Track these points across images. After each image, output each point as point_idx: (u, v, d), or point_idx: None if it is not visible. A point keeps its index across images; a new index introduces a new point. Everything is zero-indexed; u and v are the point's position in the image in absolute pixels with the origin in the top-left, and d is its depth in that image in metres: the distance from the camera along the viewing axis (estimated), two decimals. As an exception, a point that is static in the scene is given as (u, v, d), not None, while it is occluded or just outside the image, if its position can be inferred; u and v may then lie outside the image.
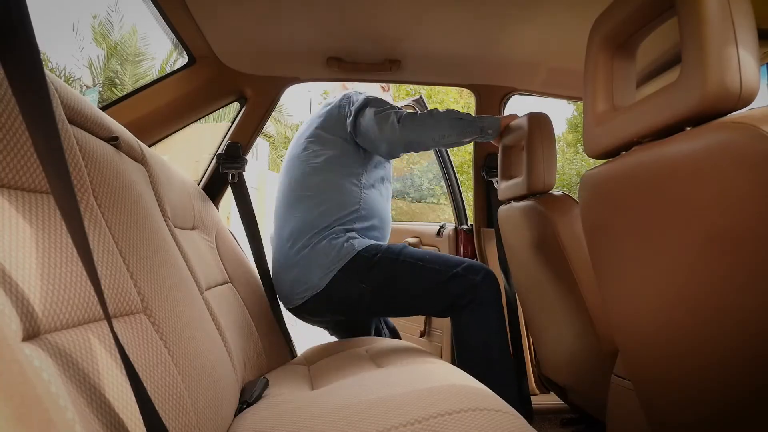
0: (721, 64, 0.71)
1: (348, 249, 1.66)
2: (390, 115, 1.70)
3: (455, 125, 1.68)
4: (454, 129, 1.68)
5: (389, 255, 1.66)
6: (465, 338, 1.61)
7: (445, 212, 12.53)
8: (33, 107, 0.49)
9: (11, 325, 0.49)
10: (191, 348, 0.94)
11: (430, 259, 1.66)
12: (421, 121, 1.68)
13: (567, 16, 1.57)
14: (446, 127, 1.67)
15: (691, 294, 0.84)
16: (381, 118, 1.71)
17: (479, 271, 1.64)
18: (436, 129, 1.68)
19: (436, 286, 1.62)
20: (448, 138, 1.69)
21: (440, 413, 0.81)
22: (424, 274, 1.63)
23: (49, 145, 0.50)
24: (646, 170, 0.86)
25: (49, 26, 32.28)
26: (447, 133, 1.68)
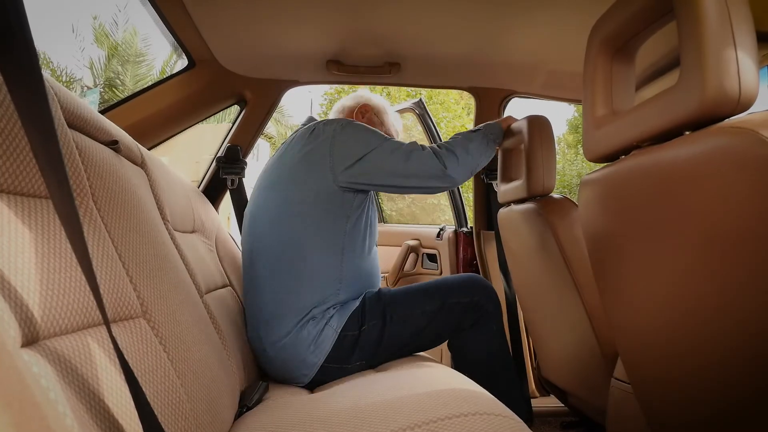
0: (720, 69, 0.71)
1: (326, 337, 1.42)
2: (427, 150, 1.51)
3: (481, 148, 1.59)
4: (483, 153, 1.59)
5: (375, 321, 1.46)
6: (466, 355, 1.52)
7: (446, 213, 12.52)
8: (31, 111, 0.49)
9: (10, 332, 0.49)
10: (190, 352, 0.94)
11: (421, 300, 1.49)
12: (462, 150, 1.54)
13: (566, 19, 1.57)
14: (478, 154, 1.57)
15: (690, 296, 0.84)
16: (423, 157, 1.48)
17: (475, 287, 1.52)
18: (475, 157, 1.56)
19: (435, 326, 1.49)
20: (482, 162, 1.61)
21: (440, 417, 0.81)
22: (421, 322, 1.47)
23: (48, 149, 0.50)
24: (645, 174, 0.86)
25: (50, 27, 32.33)
26: (481, 161, 1.60)
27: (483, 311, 1.48)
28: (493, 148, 1.62)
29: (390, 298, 1.49)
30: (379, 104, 1.87)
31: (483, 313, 1.48)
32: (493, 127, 1.65)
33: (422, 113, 2.57)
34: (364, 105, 1.83)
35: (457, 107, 13.39)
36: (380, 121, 1.83)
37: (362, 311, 1.46)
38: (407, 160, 1.45)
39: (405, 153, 1.46)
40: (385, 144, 1.47)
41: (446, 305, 1.47)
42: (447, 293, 1.49)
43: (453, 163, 1.48)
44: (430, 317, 1.46)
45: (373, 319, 1.44)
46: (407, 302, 1.48)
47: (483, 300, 1.49)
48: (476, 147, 1.54)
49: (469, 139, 1.56)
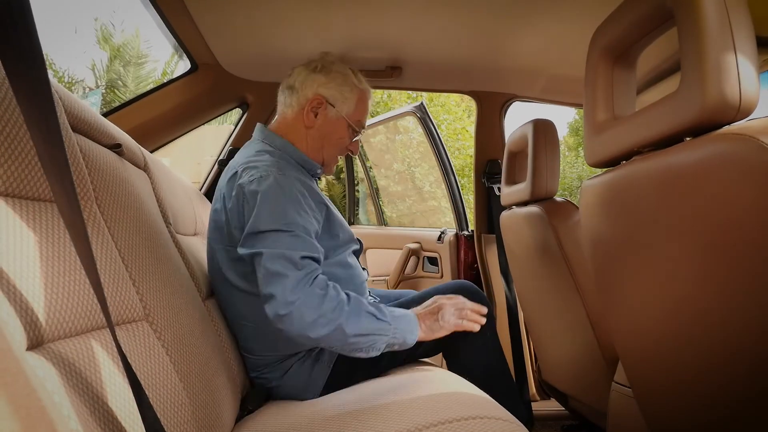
0: (721, 75, 0.71)
1: (317, 375, 1.31)
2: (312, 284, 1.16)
3: (367, 340, 1.17)
4: (361, 345, 1.17)
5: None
6: (463, 364, 1.42)
7: (446, 215, 12.52)
8: (37, 116, 0.49)
9: (16, 336, 0.50)
10: (192, 355, 0.94)
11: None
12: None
13: (568, 24, 1.58)
14: (354, 339, 1.16)
15: (691, 301, 0.84)
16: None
17: (467, 296, 1.37)
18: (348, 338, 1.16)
19: (432, 341, 1.33)
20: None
21: (441, 421, 0.81)
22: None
23: (53, 153, 0.50)
24: (646, 180, 0.87)
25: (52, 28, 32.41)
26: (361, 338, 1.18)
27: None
28: (379, 351, 1.19)
29: None
30: (341, 89, 1.41)
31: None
32: (408, 332, 1.21)
33: (423, 116, 2.57)
34: (316, 97, 1.39)
35: (458, 109, 13.39)
36: (339, 115, 1.41)
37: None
38: (272, 272, 1.14)
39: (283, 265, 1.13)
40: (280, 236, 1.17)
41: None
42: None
43: (312, 311, 1.12)
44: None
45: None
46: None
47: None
48: (364, 334, 1.15)
49: (372, 321, 1.17)
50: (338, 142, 1.43)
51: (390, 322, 1.18)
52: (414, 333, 1.21)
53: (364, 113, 1.46)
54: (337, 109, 1.40)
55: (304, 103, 1.39)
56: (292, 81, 1.43)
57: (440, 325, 1.24)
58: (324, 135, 1.41)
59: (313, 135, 1.41)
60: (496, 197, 2.26)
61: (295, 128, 1.41)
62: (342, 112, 1.41)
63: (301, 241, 1.17)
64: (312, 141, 1.41)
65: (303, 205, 1.22)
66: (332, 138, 1.42)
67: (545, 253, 1.54)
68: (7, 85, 0.59)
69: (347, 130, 1.43)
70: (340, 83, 1.40)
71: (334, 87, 1.39)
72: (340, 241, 1.36)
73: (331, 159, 1.46)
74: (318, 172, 1.44)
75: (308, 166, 1.41)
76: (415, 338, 1.21)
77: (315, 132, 1.40)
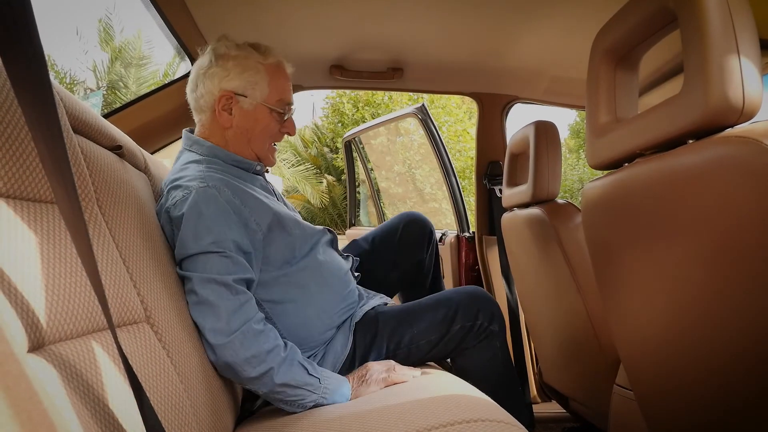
0: (724, 78, 0.71)
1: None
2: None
3: (292, 393, 1.10)
4: (286, 396, 1.10)
5: (376, 359, 1.31)
6: (470, 373, 1.37)
7: (447, 217, 12.51)
8: (38, 117, 0.49)
9: (17, 338, 0.50)
10: (193, 357, 0.94)
11: (425, 330, 1.34)
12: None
13: (569, 27, 1.58)
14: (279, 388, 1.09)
15: (693, 304, 0.84)
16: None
17: (481, 307, 1.35)
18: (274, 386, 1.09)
19: (438, 351, 1.36)
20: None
21: (442, 424, 0.81)
22: (425, 349, 1.35)
23: (54, 155, 0.50)
24: (648, 182, 0.86)
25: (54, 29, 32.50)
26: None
27: (488, 332, 1.36)
28: (304, 408, 1.11)
29: (390, 330, 1.33)
30: (244, 75, 1.27)
31: (488, 333, 1.36)
32: (338, 394, 1.14)
33: (425, 118, 2.57)
34: (223, 93, 1.26)
35: (459, 111, 13.40)
36: (255, 103, 1.29)
37: (360, 353, 1.32)
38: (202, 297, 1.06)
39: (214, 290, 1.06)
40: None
41: (450, 332, 1.33)
42: (451, 320, 1.33)
43: (240, 351, 1.05)
44: (435, 345, 1.34)
45: (374, 358, 1.31)
46: (410, 333, 1.33)
47: (488, 320, 1.35)
48: (293, 386, 1.09)
49: (303, 374, 1.11)
50: (265, 131, 1.31)
51: (321, 380, 1.12)
52: (344, 395, 1.14)
53: (283, 89, 1.31)
54: (250, 98, 1.27)
55: (213, 104, 1.27)
56: (192, 84, 1.30)
57: (368, 383, 1.17)
58: (246, 130, 1.29)
59: (235, 133, 1.29)
60: (498, 199, 2.26)
61: (215, 131, 1.30)
62: (257, 99, 1.27)
63: (232, 263, 1.10)
64: (236, 140, 1.30)
65: (232, 216, 1.13)
66: (256, 130, 1.29)
67: (546, 254, 1.54)
68: (9, 86, 0.59)
69: (271, 115, 1.30)
70: (241, 70, 1.26)
71: (236, 75, 1.26)
72: (299, 238, 1.28)
73: (265, 150, 1.34)
74: (258, 168, 1.34)
75: (244, 166, 1.31)
76: (344, 399, 1.14)
77: (235, 130, 1.29)
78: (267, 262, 1.23)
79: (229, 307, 1.06)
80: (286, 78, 1.34)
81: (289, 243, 1.26)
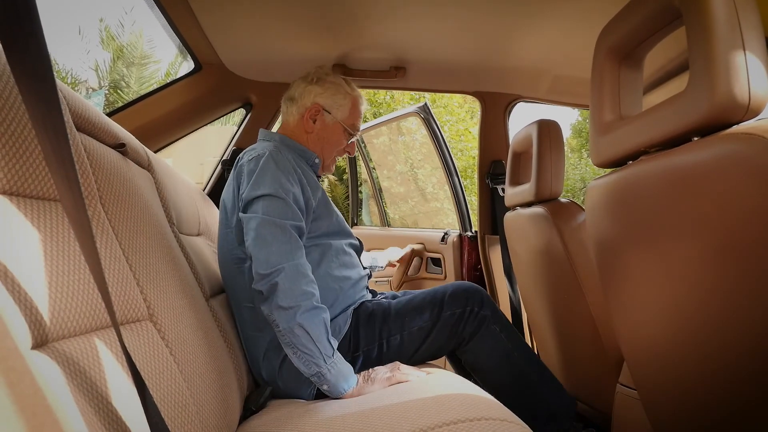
0: (730, 75, 0.71)
1: None
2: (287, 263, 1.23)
3: (308, 353, 1.20)
4: (303, 354, 1.20)
5: (370, 346, 1.40)
6: (481, 365, 1.44)
7: (449, 216, 12.51)
8: (42, 115, 0.49)
9: (21, 335, 0.50)
10: (196, 355, 0.94)
11: (416, 317, 1.42)
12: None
13: (573, 25, 1.57)
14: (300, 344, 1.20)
15: (697, 302, 0.84)
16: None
17: (467, 294, 1.44)
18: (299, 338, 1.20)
19: (433, 340, 1.42)
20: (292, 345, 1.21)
21: (446, 422, 0.81)
22: (418, 338, 1.42)
23: (58, 152, 0.50)
24: (653, 180, 0.86)
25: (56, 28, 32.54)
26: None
27: (480, 317, 1.43)
28: (307, 371, 1.21)
29: (382, 319, 1.42)
30: (335, 97, 1.54)
31: (481, 319, 1.42)
32: (343, 379, 1.22)
33: (427, 117, 2.57)
34: (315, 105, 1.53)
35: (461, 110, 13.38)
36: (335, 120, 1.54)
37: (354, 337, 1.40)
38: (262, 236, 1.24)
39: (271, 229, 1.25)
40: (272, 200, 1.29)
41: (441, 318, 1.41)
42: (440, 306, 1.43)
43: (281, 296, 1.19)
44: (427, 332, 1.41)
45: (367, 345, 1.40)
46: (401, 321, 1.42)
47: (477, 306, 1.43)
48: (309, 335, 1.19)
49: (322, 335, 1.21)
50: (335, 144, 1.57)
51: (334, 354, 1.23)
52: (349, 382, 1.22)
53: (357, 117, 1.60)
54: (333, 115, 1.54)
55: (303, 112, 1.54)
56: (291, 93, 1.58)
57: (372, 381, 1.23)
58: (322, 138, 1.55)
59: (312, 139, 1.55)
60: (500, 198, 2.26)
61: (295, 133, 1.56)
62: (337, 118, 1.55)
63: (291, 211, 1.29)
64: (312, 144, 1.55)
65: (296, 177, 1.35)
66: (330, 141, 1.56)
67: (549, 254, 1.53)
68: (13, 84, 0.59)
69: (343, 134, 1.57)
70: (333, 92, 1.54)
71: (328, 96, 1.54)
72: (335, 226, 1.48)
73: (330, 159, 1.60)
74: (316, 162, 1.55)
75: (306, 156, 1.53)
76: (347, 388, 1.21)
77: (314, 136, 1.55)
78: (311, 229, 1.41)
79: (281, 246, 1.23)
80: (360, 110, 1.62)
81: (331, 223, 1.47)
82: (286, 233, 1.25)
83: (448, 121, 13.28)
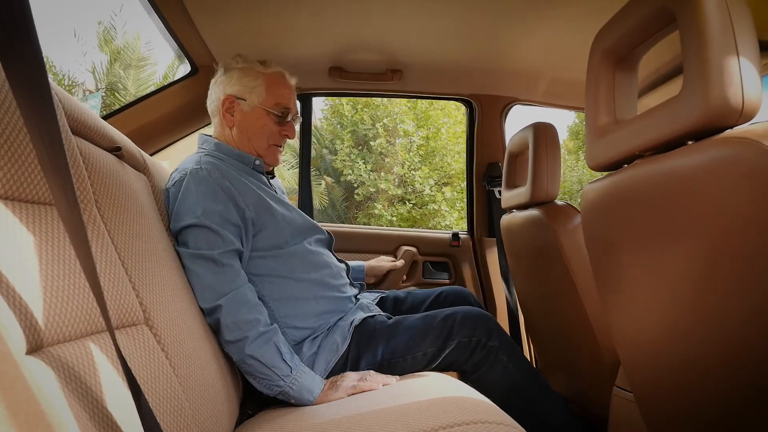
0: (724, 79, 0.71)
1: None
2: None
3: (265, 370, 1.18)
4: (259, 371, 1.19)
5: (369, 367, 1.34)
6: (489, 396, 1.27)
7: (446, 219, 12.52)
8: (37, 118, 0.49)
9: (16, 340, 0.49)
10: (192, 359, 0.94)
11: (420, 342, 1.35)
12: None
13: (569, 28, 1.58)
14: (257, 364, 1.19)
15: (693, 305, 0.84)
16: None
17: (476, 323, 1.37)
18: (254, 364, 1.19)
19: (438, 365, 1.36)
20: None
21: (442, 426, 0.81)
22: (422, 363, 1.36)
23: (53, 156, 0.50)
24: (647, 184, 0.86)
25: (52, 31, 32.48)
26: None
27: (487, 348, 1.35)
28: (272, 392, 1.20)
29: (386, 341, 1.36)
30: (242, 81, 1.44)
31: (488, 350, 1.35)
32: (307, 391, 1.20)
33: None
34: (226, 97, 1.45)
35: (458, 113, 13.41)
36: (253, 105, 1.44)
37: (354, 356, 1.34)
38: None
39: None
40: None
41: (447, 346, 1.35)
42: (448, 333, 1.35)
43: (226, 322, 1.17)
44: (431, 358, 1.35)
45: (368, 365, 1.34)
46: (406, 345, 1.35)
47: (485, 336, 1.36)
48: (261, 362, 1.18)
49: (274, 356, 1.19)
50: (263, 131, 1.46)
51: (293, 369, 1.20)
52: (313, 393, 1.20)
53: (281, 96, 1.47)
54: (248, 102, 1.44)
55: (220, 107, 1.45)
56: (208, 94, 1.51)
57: (336, 388, 1.21)
58: (245, 128, 1.45)
59: (237, 133, 1.46)
60: (497, 200, 2.26)
61: (222, 132, 1.48)
62: (254, 102, 1.44)
63: (219, 238, 1.22)
64: (238, 138, 1.46)
65: (220, 193, 1.26)
66: (254, 128, 1.45)
67: (546, 256, 1.54)
68: (8, 88, 0.59)
69: (268, 117, 1.45)
70: (240, 77, 1.44)
71: (236, 82, 1.44)
72: (287, 228, 1.39)
73: (264, 149, 1.48)
74: (257, 163, 1.46)
75: (243, 160, 1.44)
76: (312, 399, 1.19)
77: (237, 129, 1.46)
78: (257, 244, 1.34)
79: (214, 278, 1.18)
80: (287, 87, 1.49)
81: (277, 231, 1.37)
82: (218, 264, 1.19)
83: (446, 123, 13.31)
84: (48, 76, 0.50)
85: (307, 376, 1.22)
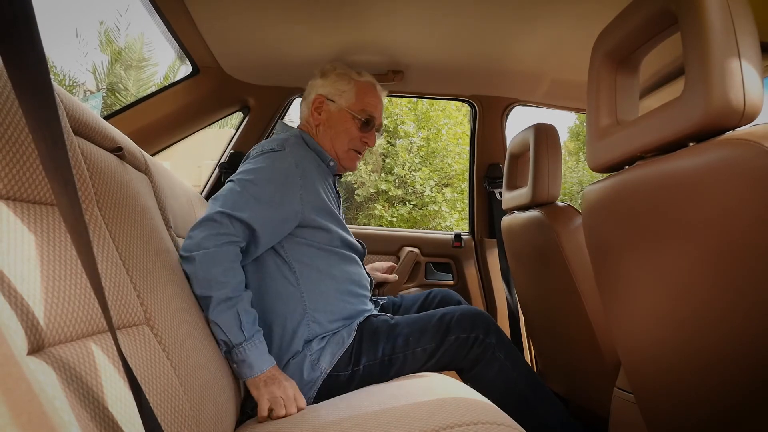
0: (725, 81, 0.71)
1: (311, 380, 1.32)
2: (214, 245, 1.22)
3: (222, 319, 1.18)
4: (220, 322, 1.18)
5: (371, 361, 1.36)
6: (486, 393, 1.28)
7: (446, 220, 12.51)
8: (39, 119, 0.49)
9: (17, 341, 0.49)
10: (193, 359, 0.94)
11: (420, 338, 1.37)
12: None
13: (570, 29, 1.58)
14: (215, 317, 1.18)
15: (693, 306, 0.84)
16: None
17: (474, 321, 1.39)
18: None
19: (437, 362, 1.38)
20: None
21: (442, 426, 0.81)
22: (421, 359, 1.37)
23: (55, 156, 0.50)
24: (649, 185, 0.86)
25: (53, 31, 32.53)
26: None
27: (485, 345, 1.38)
28: (231, 359, 1.19)
29: (386, 337, 1.38)
30: (336, 85, 1.56)
31: (485, 346, 1.37)
32: (248, 367, 1.19)
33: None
34: (317, 96, 1.56)
35: (459, 114, 13.40)
36: (340, 108, 1.54)
37: (357, 352, 1.37)
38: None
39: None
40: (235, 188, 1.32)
41: (445, 342, 1.37)
42: (446, 330, 1.38)
43: (198, 267, 1.18)
44: (430, 354, 1.37)
45: (368, 360, 1.36)
46: (405, 342, 1.37)
47: (483, 333, 1.38)
48: (218, 325, 1.17)
49: (232, 322, 1.18)
50: (345, 133, 1.54)
51: (247, 340, 1.18)
52: (253, 370, 1.18)
53: (368, 104, 1.56)
54: (337, 103, 1.54)
55: (310, 106, 1.56)
56: (305, 93, 1.63)
57: (269, 385, 1.18)
58: (330, 127, 1.54)
59: (321, 130, 1.55)
60: (498, 201, 2.26)
61: (308, 127, 1.58)
62: (342, 105, 1.54)
63: (239, 198, 1.28)
64: (322, 136, 1.55)
65: (289, 188, 1.34)
66: (338, 129, 1.54)
67: (547, 257, 1.54)
68: (10, 88, 0.59)
69: (352, 121, 1.54)
70: (335, 80, 1.55)
71: (329, 84, 1.55)
72: (337, 236, 1.45)
73: (344, 152, 1.55)
74: (331, 164, 1.54)
75: (321, 156, 1.52)
76: (249, 375, 1.17)
77: (322, 127, 1.55)
78: (314, 237, 1.41)
79: (208, 232, 1.22)
80: (376, 96, 1.60)
81: (330, 233, 1.44)
82: (216, 218, 1.24)
83: (446, 124, 13.30)
84: (50, 76, 0.50)
85: (257, 352, 1.20)
